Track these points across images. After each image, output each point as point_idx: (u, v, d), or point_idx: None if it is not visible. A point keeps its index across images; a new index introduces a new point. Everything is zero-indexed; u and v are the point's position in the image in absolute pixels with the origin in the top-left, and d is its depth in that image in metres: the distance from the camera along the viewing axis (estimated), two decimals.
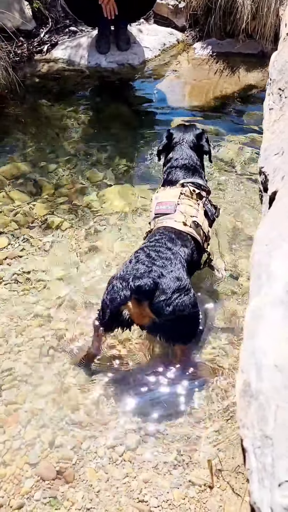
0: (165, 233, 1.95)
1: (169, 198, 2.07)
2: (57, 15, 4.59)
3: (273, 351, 0.84)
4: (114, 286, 1.76)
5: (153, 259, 1.77)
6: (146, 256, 1.79)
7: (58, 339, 2.12)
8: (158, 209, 2.07)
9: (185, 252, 1.89)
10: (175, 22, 4.69)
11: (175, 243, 1.89)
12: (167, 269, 1.75)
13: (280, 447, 0.73)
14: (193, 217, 2.01)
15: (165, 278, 1.72)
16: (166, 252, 1.82)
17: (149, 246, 1.87)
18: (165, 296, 1.70)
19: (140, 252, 1.83)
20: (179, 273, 1.77)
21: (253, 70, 4.12)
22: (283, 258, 1.01)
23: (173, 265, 1.78)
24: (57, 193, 2.92)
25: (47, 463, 1.72)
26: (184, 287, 1.75)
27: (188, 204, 2.04)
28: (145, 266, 1.74)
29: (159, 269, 1.73)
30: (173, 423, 1.82)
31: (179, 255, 1.84)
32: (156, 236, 1.95)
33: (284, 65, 1.85)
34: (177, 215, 2.00)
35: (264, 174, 1.71)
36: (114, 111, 3.75)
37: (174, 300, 1.71)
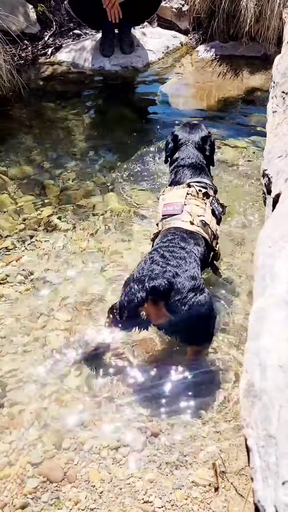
0: (176, 233, 1.96)
1: (176, 199, 2.09)
2: (61, 19, 4.63)
3: (277, 351, 0.85)
4: (131, 288, 1.78)
5: (167, 259, 1.79)
6: (160, 257, 1.81)
7: (62, 340, 2.13)
8: (165, 210, 2.09)
9: (198, 250, 1.91)
10: (179, 25, 4.72)
11: (188, 242, 1.91)
12: (182, 269, 1.77)
13: (283, 446, 0.74)
14: (200, 216, 2.02)
15: (180, 278, 1.73)
16: (179, 252, 1.83)
17: (162, 246, 1.89)
18: (180, 295, 1.71)
19: (154, 253, 1.85)
20: (193, 272, 1.78)
21: (256, 73, 4.13)
22: (286, 259, 1.02)
23: (188, 264, 1.79)
24: (62, 195, 2.94)
25: (52, 464, 1.73)
26: (199, 286, 1.77)
27: (195, 204, 2.06)
28: (159, 266, 1.76)
29: (173, 269, 1.75)
30: (177, 424, 1.83)
31: (193, 254, 1.86)
32: (168, 236, 1.96)
33: (287, 68, 1.86)
34: (184, 215, 2.02)
35: (268, 177, 1.72)
36: (118, 114, 3.78)
37: (190, 300, 1.72)
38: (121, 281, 2.35)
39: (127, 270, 2.40)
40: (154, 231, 2.15)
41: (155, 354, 2.06)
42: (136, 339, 2.10)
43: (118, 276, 2.39)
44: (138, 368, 2.01)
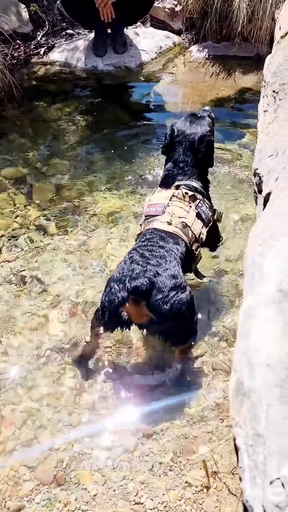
0: (155, 232, 1.95)
1: (160, 200, 2.07)
2: (54, 18, 4.61)
3: (265, 350, 0.85)
4: (111, 288, 1.78)
5: (147, 258, 1.78)
6: (140, 256, 1.80)
7: (54, 341, 2.12)
8: (148, 211, 2.07)
9: (178, 249, 1.90)
10: (172, 25, 4.71)
11: (167, 241, 1.90)
12: (162, 267, 1.76)
13: (271, 445, 0.74)
14: (182, 218, 1.99)
15: (161, 277, 1.73)
16: (159, 250, 1.83)
17: (141, 246, 1.88)
18: (161, 294, 1.71)
19: (134, 253, 1.84)
20: (174, 271, 1.78)
21: (249, 73, 4.14)
22: (276, 258, 1.02)
23: (168, 263, 1.79)
24: (55, 195, 2.93)
25: (45, 466, 1.72)
26: (180, 284, 1.77)
27: (178, 206, 2.03)
28: (140, 266, 1.75)
29: (154, 268, 1.75)
30: (169, 425, 1.82)
31: (173, 252, 1.85)
32: (147, 235, 1.95)
33: (278, 67, 1.86)
34: (164, 216, 2.00)
35: (259, 176, 1.72)
36: (111, 114, 3.77)
37: (171, 298, 1.72)
38: None
39: None
40: (137, 233, 2.14)
41: (147, 355, 2.06)
42: (129, 340, 2.09)
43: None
44: (130, 369, 2.01)
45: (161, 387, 1.93)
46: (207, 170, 2.27)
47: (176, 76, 4.21)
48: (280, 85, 1.81)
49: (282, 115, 1.73)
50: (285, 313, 0.86)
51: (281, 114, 1.75)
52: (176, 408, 1.87)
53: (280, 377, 0.78)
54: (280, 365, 0.79)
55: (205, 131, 2.16)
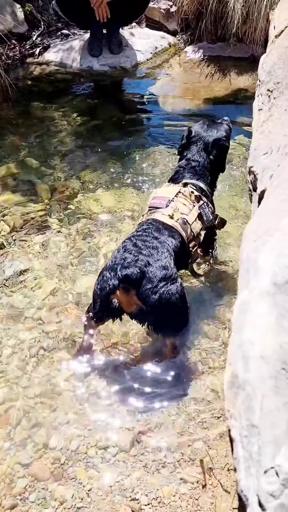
0: (153, 223, 1.98)
1: (166, 194, 2.10)
2: (49, 18, 4.62)
3: (259, 342, 0.85)
4: (103, 276, 1.81)
5: (139, 248, 1.81)
6: (133, 246, 1.83)
7: (49, 340, 2.12)
8: (152, 203, 2.10)
9: (173, 242, 1.91)
10: (167, 26, 4.74)
11: (162, 233, 1.92)
12: (154, 258, 1.79)
13: (266, 435, 0.74)
14: (184, 214, 2.02)
15: (152, 267, 1.76)
16: (152, 241, 1.85)
17: (136, 235, 1.91)
18: (151, 284, 1.74)
19: (127, 242, 1.87)
20: (165, 262, 1.80)
21: (244, 74, 4.16)
22: (270, 252, 1.03)
23: (160, 254, 1.81)
24: (49, 194, 2.93)
25: (40, 464, 1.72)
26: (171, 276, 1.79)
27: (182, 203, 2.06)
28: (132, 255, 1.78)
29: (145, 258, 1.77)
30: (165, 421, 1.83)
31: (166, 244, 1.87)
32: (143, 226, 1.98)
33: (272, 66, 1.88)
34: (167, 209, 2.03)
35: (254, 174, 1.73)
36: (107, 114, 3.78)
37: (160, 289, 1.74)
38: None
39: None
40: (138, 222, 2.15)
41: (141, 352, 2.06)
42: (123, 337, 2.10)
43: None
44: (125, 367, 2.01)
45: (156, 383, 1.93)
46: (217, 175, 2.30)
47: (171, 77, 4.23)
48: (275, 83, 1.82)
49: (277, 114, 1.74)
50: (279, 306, 0.87)
51: (275, 112, 1.76)
52: (172, 404, 1.87)
53: (275, 368, 0.79)
54: (274, 357, 0.80)
55: (220, 135, 2.22)
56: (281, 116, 1.68)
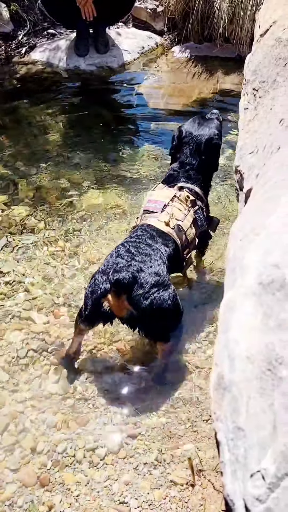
0: (147, 229, 1.95)
1: (161, 197, 2.06)
2: (35, 18, 4.58)
3: (245, 342, 0.84)
4: (95, 280, 1.80)
5: (133, 254, 1.80)
6: (126, 251, 1.81)
7: (37, 342, 2.09)
8: (147, 206, 2.07)
9: (166, 250, 1.90)
10: (154, 26, 4.73)
11: (155, 240, 1.90)
12: (147, 264, 1.77)
13: (252, 437, 0.73)
14: (179, 220, 1.99)
15: (144, 273, 1.74)
16: (145, 248, 1.84)
17: (129, 241, 1.89)
18: (143, 290, 1.72)
19: (121, 247, 1.85)
20: (158, 269, 1.78)
21: (230, 74, 4.17)
22: (255, 251, 1.02)
23: (153, 261, 1.80)
24: (37, 195, 2.89)
25: (28, 469, 1.69)
26: (163, 282, 1.78)
27: (177, 208, 2.03)
28: (124, 260, 1.77)
29: (138, 263, 1.76)
30: (154, 424, 1.81)
31: (159, 252, 1.85)
32: (138, 232, 1.95)
33: (257, 65, 1.88)
34: (163, 215, 1.99)
35: (240, 173, 1.72)
36: (94, 113, 3.75)
37: (152, 294, 1.73)
38: None
39: None
40: (132, 225, 2.13)
41: (130, 355, 2.04)
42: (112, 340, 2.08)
43: None
44: (114, 369, 1.99)
45: (146, 386, 1.92)
46: (211, 174, 2.25)
47: (158, 76, 4.22)
48: (260, 82, 1.82)
49: (262, 113, 1.74)
50: (265, 305, 0.86)
51: (261, 111, 1.76)
52: (161, 407, 1.86)
53: (260, 369, 0.78)
54: (259, 357, 0.78)
55: (212, 133, 2.15)
56: (267, 115, 1.67)
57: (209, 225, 2.20)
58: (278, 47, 1.73)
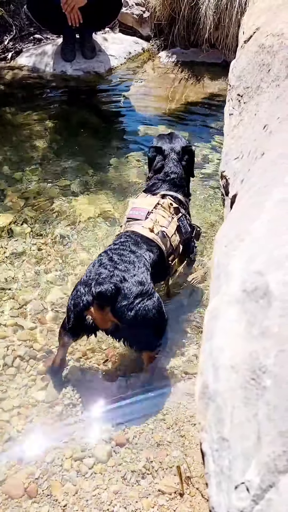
0: (131, 236, 1.93)
1: (144, 205, 2.06)
2: (21, 23, 4.56)
3: (229, 351, 0.83)
4: (77, 291, 1.75)
5: (115, 262, 1.76)
6: (109, 260, 1.77)
7: (24, 349, 2.06)
8: (130, 214, 2.06)
9: (150, 256, 1.88)
10: (140, 31, 4.74)
11: (140, 246, 1.87)
12: (130, 273, 1.74)
13: (236, 448, 0.72)
14: (163, 227, 1.99)
15: (127, 283, 1.71)
16: (129, 256, 1.80)
17: (112, 249, 1.86)
18: (126, 301, 1.68)
19: (103, 255, 1.82)
20: (142, 277, 1.75)
21: (217, 79, 4.20)
22: (240, 258, 1.02)
23: (136, 269, 1.76)
24: (23, 201, 2.87)
25: (14, 480, 1.66)
26: (147, 291, 1.74)
27: (161, 215, 2.03)
28: (107, 270, 1.72)
29: (121, 273, 1.72)
30: (142, 431, 1.80)
31: (143, 258, 1.83)
32: (121, 238, 1.93)
33: (242, 71, 1.89)
34: (147, 222, 1.99)
35: (225, 178, 1.73)
36: (81, 119, 3.74)
37: (136, 305, 1.69)
38: None
39: None
40: (116, 234, 2.12)
41: (118, 362, 2.02)
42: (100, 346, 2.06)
43: None
44: (101, 377, 1.97)
45: (133, 392, 1.90)
46: (189, 181, 2.30)
47: (145, 81, 4.23)
48: (244, 88, 1.83)
49: (247, 118, 1.75)
50: (248, 313, 0.85)
51: (245, 117, 1.77)
52: (150, 414, 1.85)
53: (244, 378, 0.77)
54: (243, 366, 0.78)
55: (186, 142, 2.27)
56: (251, 120, 1.68)
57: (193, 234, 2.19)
58: (262, 54, 1.75)
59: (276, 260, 0.88)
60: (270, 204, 1.12)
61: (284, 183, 1.10)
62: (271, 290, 0.83)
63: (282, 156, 1.21)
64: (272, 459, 0.65)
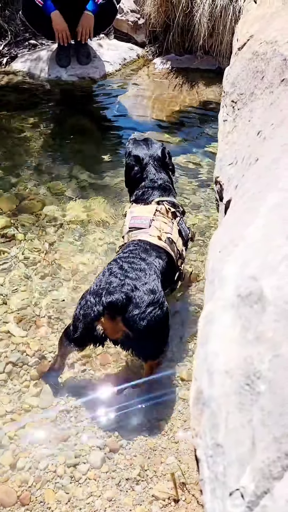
0: (140, 244, 1.91)
1: (144, 213, 2.04)
2: (16, 28, 4.57)
3: (224, 356, 0.83)
4: (87, 301, 1.70)
5: (126, 271, 1.72)
6: (119, 268, 1.74)
7: (17, 355, 2.04)
8: (132, 223, 2.03)
9: (160, 263, 1.86)
10: (135, 38, 4.78)
11: (149, 253, 1.85)
12: (141, 281, 1.70)
13: (230, 454, 0.72)
14: (168, 233, 1.98)
15: (139, 291, 1.67)
16: (139, 263, 1.77)
17: (122, 257, 1.83)
18: (138, 310, 1.65)
19: (113, 264, 1.78)
20: (153, 285, 1.72)
21: (211, 85, 4.23)
22: (234, 263, 1.02)
23: (148, 277, 1.73)
24: (17, 206, 2.86)
25: (6, 487, 1.63)
26: (158, 300, 1.71)
27: (163, 221, 2.02)
28: (117, 279, 1.69)
29: (132, 282, 1.68)
30: (136, 437, 1.78)
31: (154, 266, 1.80)
32: (130, 247, 1.90)
33: (236, 78, 1.91)
34: (152, 229, 1.97)
35: (220, 184, 1.74)
36: (76, 124, 3.75)
37: (148, 314, 1.66)
38: (80, 292, 2.29)
39: (85, 282, 2.35)
40: (119, 244, 2.08)
41: (113, 367, 2.01)
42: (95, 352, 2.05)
43: (76, 288, 2.34)
44: (95, 382, 1.96)
45: (128, 398, 1.89)
46: (173, 183, 2.30)
47: (140, 87, 4.25)
48: (238, 95, 1.84)
49: (241, 124, 1.76)
50: (243, 318, 0.85)
51: (239, 123, 1.78)
52: (144, 419, 1.83)
53: (239, 383, 0.77)
54: (238, 372, 0.78)
55: (161, 145, 2.27)
56: (245, 127, 1.69)
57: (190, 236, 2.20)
58: (255, 61, 1.76)
59: (270, 265, 0.89)
60: (264, 209, 1.13)
61: (278, 188, 1.10)
62: (265, 295, 0.83)
63: (275, 162, 1.22)
64: (267, 465, 0.65)
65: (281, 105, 1.48)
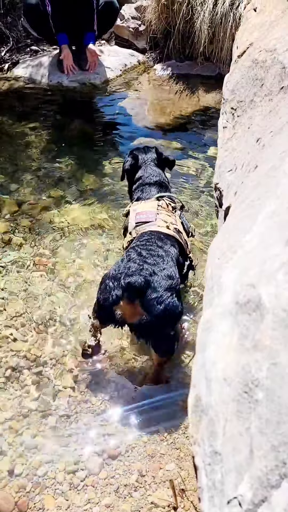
0: (153, 233, 1.97)
1: (148, 208, 2.11)
2: (18, 34, 4.61)
3: (222, 363, 0.83)
4: (106, 286, 1.77)
5: (144, 257, 1.77)
6: (137, 255, 1.79)
7: (18, 360, 2.04)
8: (138, 218, 2.09)
9: (175, 251, 1.91)
10: (136, 44, 4.81)
11: (165, 242, 1.91)
12: (159, 267, 1.75)
13: (228, 462, 0.72)
14: (174, 224, 2.05)
15: (157, 276, 1.72)
16: (157, 250, 1.83)
17: (139, 245, 1.87)
18: (156, 294, 1.69)
19: (131, 251, 1.83)
20: (171, 271, 1.77)
21: (211, 91, 4.25)
22: (232, 270, 1.02)
23: (165, 263, 1.78)
24: (18, 210, 2.87)
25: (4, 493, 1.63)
26: (175, 287, 1.76)
27: (167, 214, 2.09)
28: (136, 264, 1.74)
29: (150, 267, 1.73)
30: (135, 443, 1.78)
31: (170, 253, 1.85)
32: (145, 236, 1.95)
33: (235, 85, 1.91)
34: (159, 222, 2.03)
35: (219, 190, 1.74)
36: (77, 129, 3.77)
37: (166, 299, 1.70)
38: (79, 297, 2.30)
39: (85, 285, 2.35)
40: (127, 240, 2.11)
41: (112, 373, 2.01)
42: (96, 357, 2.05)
43: (77, 291, 2.34)
44: (94, 388, 1.96)
45: (126, 403, 1.89)
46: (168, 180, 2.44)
47: (140, 93, 4.28)
48: (238, 102, 1.85)
49: (240, 131, 1.77)
50: (241, 325, 0.86)
51: (239, 130, 1.79)
52: (143, 425, 1.83)
53: (237, 391, 0.77)
54: (236, 379, 0.78)
55: (155, 148, 2.43)
56: (245, 134, 1.70)
57: None
58: (255, 68, 1.77)
59: (268, 272, 0.89)
60: (263, 216, 1.13)
61: (276, 195, 1.11)
62: (263, 303, 0.84)
63: (274, 169, 1.22)
64: (265, 473, 0.65)
65: (280, 112, 1.49)
